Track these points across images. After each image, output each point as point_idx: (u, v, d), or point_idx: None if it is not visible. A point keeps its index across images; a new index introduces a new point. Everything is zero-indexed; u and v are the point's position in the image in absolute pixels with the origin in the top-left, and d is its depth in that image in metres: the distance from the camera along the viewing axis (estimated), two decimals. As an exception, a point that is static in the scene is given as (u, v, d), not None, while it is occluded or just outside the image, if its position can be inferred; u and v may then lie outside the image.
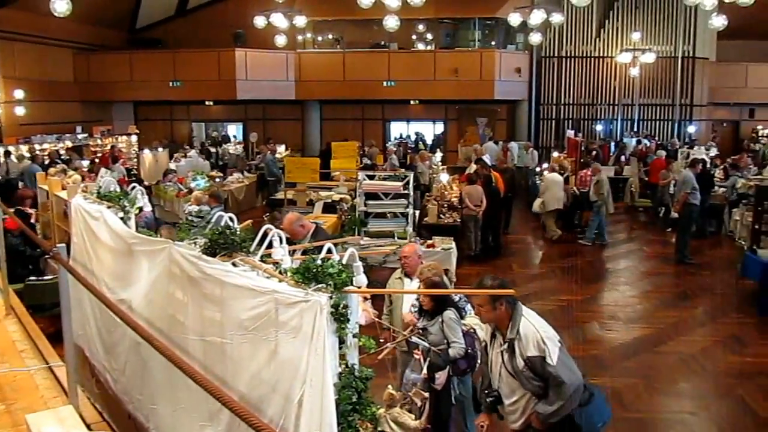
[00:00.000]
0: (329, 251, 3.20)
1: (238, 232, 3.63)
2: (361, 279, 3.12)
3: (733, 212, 13.51)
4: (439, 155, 18.23)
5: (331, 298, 2.86)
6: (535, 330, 4.13)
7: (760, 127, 25.59)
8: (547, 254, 13.51)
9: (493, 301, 4.25)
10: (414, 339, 4.83)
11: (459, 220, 12.15)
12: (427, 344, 4.80)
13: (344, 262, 3.06)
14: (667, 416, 6.70)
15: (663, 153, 17.13)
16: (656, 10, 23.63)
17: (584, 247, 13.66)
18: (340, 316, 2.88)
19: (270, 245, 3.46)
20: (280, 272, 3.19)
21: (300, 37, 23.29)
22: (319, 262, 3.01)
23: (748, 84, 25.24)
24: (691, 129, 24.22)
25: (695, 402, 7.05)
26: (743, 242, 10.97)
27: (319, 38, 25.25)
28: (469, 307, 5.77)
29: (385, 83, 22.29)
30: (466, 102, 23.85)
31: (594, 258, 13.00)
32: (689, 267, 12.11)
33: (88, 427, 3.92)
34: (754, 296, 9.97)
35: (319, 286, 2.91)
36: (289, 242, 4.49)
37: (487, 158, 16.27)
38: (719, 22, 14.77)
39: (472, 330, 5.25)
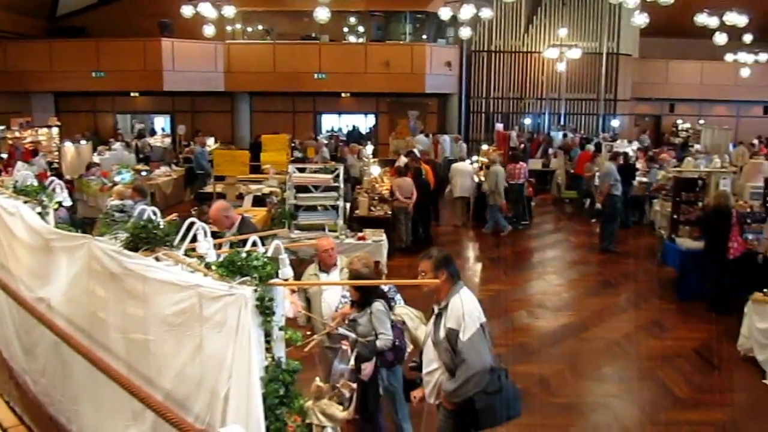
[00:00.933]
0: (254, 244, 3.17)
1: (161, 226, 3.55)
2: (286, 271, 3.10)
3: (654, 203, 14.05)
4: (370, 148, 18.22)
5: (255, 291, 2.83)
6: (461, 305, 4.23)
7: (680, 121, 26.67)
8: (477, 245, 13.73)
9: (436, 269, 4.36)
10: (341, 330, 4.84)
11: (390, 212, 12.21)
12: (354, 335, 4.82)
13: (269, 254, 3.04)
14: (592, 400, 6.92)
15: (591, 147, 17.62)
16: (582, 7, 24.31)
17: (513, 238, 13.97)
18: (265, 309, 2.86)
19: (195, 239, 3.40)
20: (204, 266, 3.14)
21: (229, 28, 22.91)
22: (243, 255, 2.98)
23: (668, 80, 26.32)
24: (615, 123, 25.03)
25: (618, 385, 7.30)
26: (663, 231, 11.41)
27: (249, 29, 24.91)
28: (398, 297, 5.82)
29: (316, 75, 22.18)
30: (398, 95, 23.99)
31: (522, 248, 13.31)
32: (613, 256, 12.53)
33: (5, 431, 3.79)
34: (673, 283, 10.39)
35: (244, 279, 2.89)
36: (216, 236, 4.43)
37: (416, 151, 16.40)
38: (641, 19, 15.30)
39: (401, 321, 5.30)
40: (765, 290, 7.78)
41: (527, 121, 24.72)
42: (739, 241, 9.18)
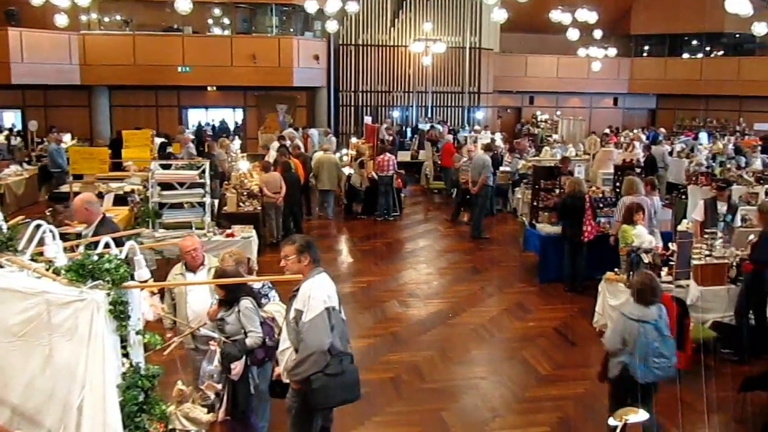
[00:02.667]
0: (108, 245, 3.03)
1: (4, 230, 3.32)
2: (142, 273, 2.99)
3: (516, 191, 14.72)
4: (237, 142, 17.86)
5: (108, 295, 2.71)
6: (310, 288, 4.37)
7: (539, 112, 28.03)
8: (349, 237, 13.83)
9: (299, 253, 4.50)
10: (203, 331, 4.72)
11: (259, 207, 12.04)
12: (216, 335, 4.72)
13: (123, 256, 2.91)
14: (461, 383, 7.16)
15: (450, 137, 18.19)
16: (445, 3, 24.98)
17: (385, 229, 14.19)
18: (119, 313, 2.75)
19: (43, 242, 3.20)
20: (52, 271, 2.96)
21: (84, 17, 21.67)
22: (95, 257, 2.84)
23: (527, 74, 27.62)
24: (479, 115, 25.94)
25: (485, 367, 7.61)
26: (524, 218, 11.96)
27: (106, 19, 23.65)
28: (273, 293, 5.75)
29: (179, 68, 21.43)
30: (265, 88, 23.64)
31: (393, 239, 13.53)
32: (480, 243, 13.00)
33: None
34: (535, 266, 10.94)
35: (96, 283, 2.75)
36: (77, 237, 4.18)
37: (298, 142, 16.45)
38: (500, 15, 15.92)
39: (271, 318, 5.24)
40: (616, 270, 8.36)
41: (395, 113, 25.11)
42: (593, 225, 9.79)
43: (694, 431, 6.32)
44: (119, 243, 3.19)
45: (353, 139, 19.07)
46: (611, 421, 3.02)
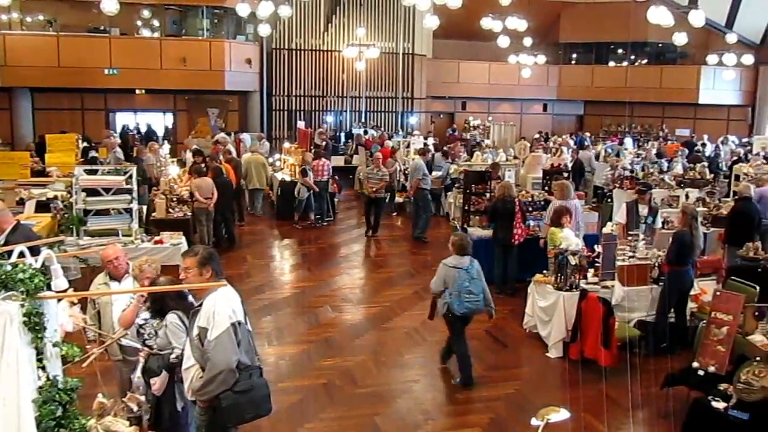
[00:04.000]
0: (22, 255, 2.92)
1: None
2: (60, 283, 2.89)
3: (448, 195, 14.89)
4: (167, 147, 17.49)
5: (22, 306, 2.61)
6: (214, 304, 4.21)
7: (471, 118, 28.43)
8: (282, 243, 13.72)
9: (201, 266, 4.32)
10: (125, 341, 4.59)
11: (190, 213, 11.83)
12: (138, 345, 4.60)
13: (39, 265, 2.81)
14: (395, 387, 7.19)
15: (390, 143, 18.30)
16: (379, 8, 25.08)
17: (318, 234, 14.15)
18: (34, 325, 2.64)
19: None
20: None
21: (4, 17, 20.86)
22: (8, 267, 2.73)
23: (460, 80, 27.96)
24: (413, 120, 26.14)
25: (418, 371, 7.65)
26: (456, 222, 12.11)
27: (29, 19, 22.81)
28: None
29: (106, 71, 20.82)
30: (196, 92, 23.22)
31: (327, 244, 13.49)
32: (413, 247, 13.11)
33: None
34: (466, 270, 11.04)
35: (9, 294, 2.64)
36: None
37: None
38: (432, 22, 16.02)
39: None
40: (545, 271, 8.56)
41: (329, 118, 25.06)
42: (522, 228, 10.00)
43: (619, 427, 6.50)
44: (37, 252, 3.08)
45: (286, 144, 18.92)
46: (534, 421, 3.09)
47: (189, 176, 12.65)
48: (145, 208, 11.35)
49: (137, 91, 23.15)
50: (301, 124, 21.15)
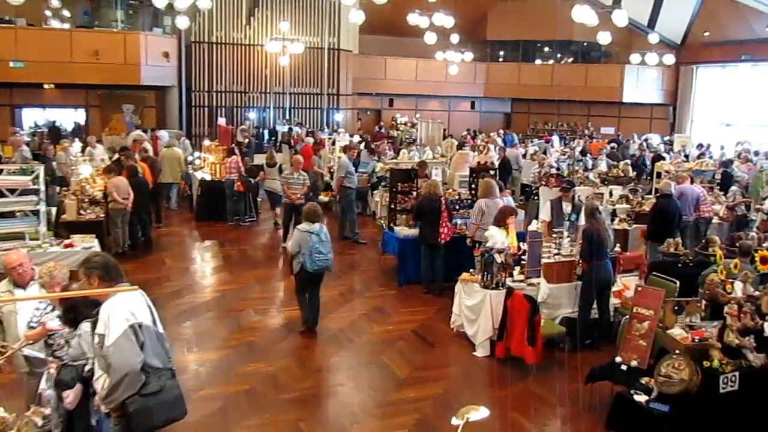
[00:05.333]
0: None
1: None
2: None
3: (375, 194, 14.97)
4: (78, 145, 16.94)
5: None
6: (109, 308, 4.18)
7: (398, 115, 28.64)
8: (202, 245, 13.53)
9: (87, 276, 4.29)
10: (26, 351, 4.43)
11: (103, 215, 11.50)
12: (42, 355, 4.45)
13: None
14: (321, 391, 7.22)
15: (311, 140, 18.25)
16: (303, 1, 24.96)
17: (240, 235, 14.02)
18: None
19: None
20: None
21: None
22: None
23: (387, 76, 28.11)
24: (339, 117, 26.14)
25: (345, 373, 7.68)
26: (382, 221, 12.19)
27: None
28: None
29: (12, 63, 19.95)
30: (110, 87, 22.56)
31: (249, 245, 13.39)
32: (339, 247, 13.03)
33: None
34: (394, 270, 11.18)
35: None
36: None
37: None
38: (358, 17, 16.13)
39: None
40: (471, 270, 8.71)
41: (252, 115, 24.80)
42: (449, 227, 10.15)
43: (545, 423, 6.70)
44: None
45: (206, 142, 18.62)
46: (454, 420, 3.15)
47: (106, 175, 12.25)
48: (54, 209, 10.97)
49: (46, 86, 22.29)
50: (221, 121, 20.87)
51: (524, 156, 19.20)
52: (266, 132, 23.54)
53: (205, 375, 7.45)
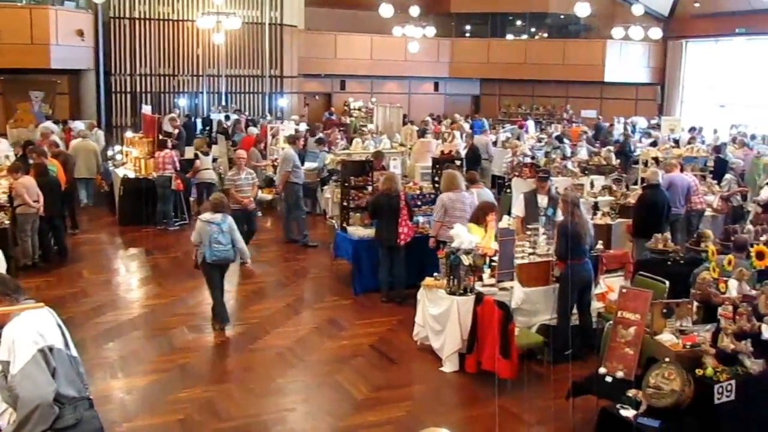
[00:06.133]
0: None
1: None
2: None
3: (324, 190, 14.94)
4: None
5: None
6: (14, 331, 4.09)
7: (351, 99, 28.58)
8: (126, 254, 13.40)
9: None
10: None
11: (8, 222, 11.28)
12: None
13: None
14: (266, 417, 7.16)
15: (254, 130, 18.17)
16: (240, -31, 24.81)
17: (170, 241, 13.89)
18: None
19: None
20: None
21: None
22: None
23: (337, 55, 28.06)
24: (283, 102, 26.03)
25: (294, 397, 7.65)
26: (334, 221, 12.18)
27: None
28: None
29: None
30: (14, 71, 22.07)
31: (181, 252, 13.14)
32: (285, 252, 13.14)
33: None
34: (348, 276, 11.18)
35: None
36: None
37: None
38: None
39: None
40: (435, 274, 8.74)
41: (182, 101, 24.57)
42: (409, 226, 10.18)
43: (522, 445, 6.78)
44: None
45: (129, 133, 18.37)
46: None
47: (11, 174, 11.96)
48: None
49: (-65, 71, 21.78)
50: (146, 109, 20.57)
51: (495, 144, 19.33)
52: (199, 121, 23.31)
53: (132, 404, 7.35)
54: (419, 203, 11.13)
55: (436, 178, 12.00)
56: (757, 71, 25.75)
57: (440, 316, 8.28)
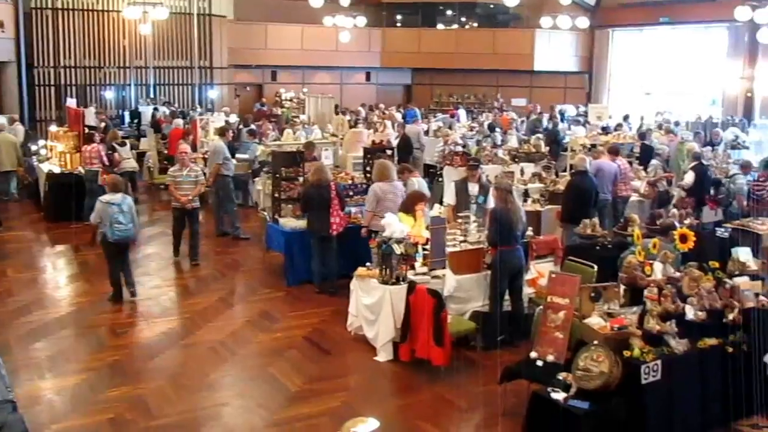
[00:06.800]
0: None
1: None
2: None
3: (256, 181, 14.81)
4: None
5: None
6: None
7: (282, 90, 28.39)
8: (53, 251, 13.10)
9: None
10: None
11: None
12: None
13: None
14: (199, 413, 7.07)
15: (180, 121, 17.92)
16: (166, -43, 24.36)
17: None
18: None
19: None
20: None
21: None
22: None
23: (268, 45, 27.81)
24: (213, 94, 25.73)
25: (227, 391, 7.58)
26: (266, 213, 12.09)
27: None
28: None
29: None
30: (-70, 65, 21.41)
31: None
32: (217, 245, 13.00)
33: None
34: (281, 268, 11.12)
35: None
36: None
37: None
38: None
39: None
40: (368, 264, 8.76)
41: (109, 94, 24.09)
42: (341, 216, 10.15)
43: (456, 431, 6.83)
44: None
45: (53, 128, 17.90)
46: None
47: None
48: None
49: None
50: (71, 102, 20.10)
51: (426, 133, 19.43)
52: (127, 114, 22.89)
53: (61, 405, 7.19)
54: (351, 193, 11.12)
55: (368, 168, 12.00)
56: (680, 60, 26.47)
57: (373, 306, 8.30)
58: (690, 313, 6.54)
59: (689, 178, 12.59)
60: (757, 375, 6.50)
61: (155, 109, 21.86)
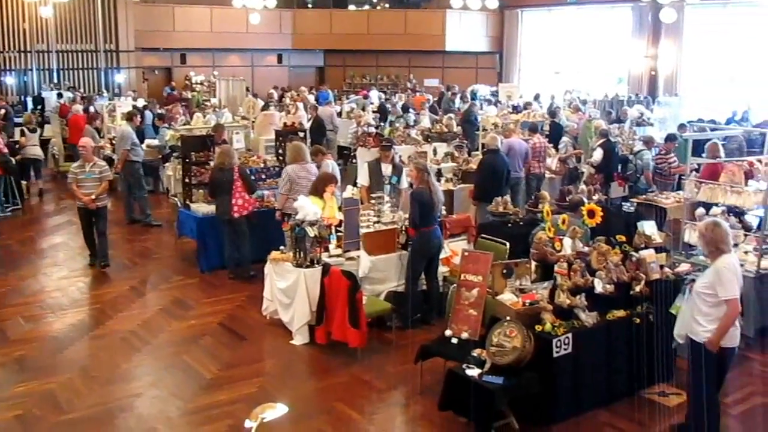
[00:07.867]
0: None
1: None
2: None
3: (166, 167, 14.52)
4: None
5: None
6: None
7: (192, 73, 27.90)
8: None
9: None
10: None
11: None
12: None
13: None
14: (112, 405, 6.89)
15: (80, 107, 17.49)
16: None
17: (4, 227, 13.17)
18: None
19: None
20: None
21: None
22: None
23: (176, 27, 27.30)
24: (120, 78, 25.09)
25: (140, 382, 7.41)
26: (177, 198, 11.87)
27: None
28: None
29: None
30: None
31: (15, 239, 12.56)
32: (128, 233, 12.72)
33: None
34: (194, 254, 10.97)
35: None
36: None
37: None
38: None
39: None
40: (282, 248, 8.69)
41: (9, 80, 23.25)
42: (245, 198, 9.99)
43: (374, 412, 6.84)
44: None
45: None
46: (247, 423, 3.12)
47: None
48: None
49: None
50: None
51: (339, 114, 19.39)
52: (30, 99, 22.12)
53: (-36, 403, 6.91)
54: (264, 177, 11.00)
55: (280, 151, 11.89)
56: (588, 39, 27.09)
57: (288, 290, 8.23)
58: (599, 286, 6.69)
59: (597, 155, 12.88)
60: (662, 344, 6.73)
61: (59, 95, 21.16)
